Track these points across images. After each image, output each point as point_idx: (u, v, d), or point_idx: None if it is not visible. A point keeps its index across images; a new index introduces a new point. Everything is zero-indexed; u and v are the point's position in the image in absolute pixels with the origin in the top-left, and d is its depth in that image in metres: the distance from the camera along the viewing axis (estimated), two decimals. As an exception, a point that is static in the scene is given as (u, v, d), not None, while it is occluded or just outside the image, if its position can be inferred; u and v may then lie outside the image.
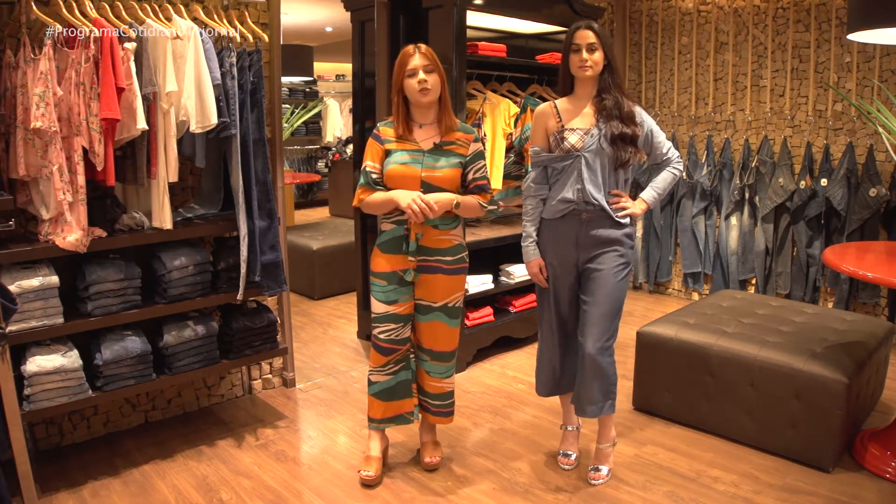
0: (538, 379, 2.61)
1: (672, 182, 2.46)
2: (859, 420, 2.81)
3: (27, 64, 2.20)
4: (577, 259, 2.40)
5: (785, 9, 4.29)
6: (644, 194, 2.45)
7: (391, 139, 2.37)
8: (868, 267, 2.49)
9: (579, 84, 2.37)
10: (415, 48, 2.31)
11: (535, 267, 2.47)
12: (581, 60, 2.29)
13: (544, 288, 2.49)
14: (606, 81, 2.33)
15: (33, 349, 2.36)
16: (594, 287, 2.37)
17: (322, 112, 9.34)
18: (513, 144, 3.77)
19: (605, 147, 2.30)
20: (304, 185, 9.23)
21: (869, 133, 4.00)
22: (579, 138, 2.32)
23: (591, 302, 2.37)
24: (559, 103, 2.42)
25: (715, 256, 4.75)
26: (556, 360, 2.53)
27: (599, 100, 2.34)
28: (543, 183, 2.44)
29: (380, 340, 2.45)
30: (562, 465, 2.60)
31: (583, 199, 2.32)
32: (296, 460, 2.69)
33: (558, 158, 2.36)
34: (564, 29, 4.14)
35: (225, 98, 2.56)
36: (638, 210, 2.39)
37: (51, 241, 2.32)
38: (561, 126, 2.37)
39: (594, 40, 2.28)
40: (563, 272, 2.44)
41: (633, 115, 2.33)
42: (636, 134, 2.31)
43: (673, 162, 2.45)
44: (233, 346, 2.84)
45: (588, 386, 2.40)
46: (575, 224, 2.37)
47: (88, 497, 2.41)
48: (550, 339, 2.52)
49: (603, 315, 2.35)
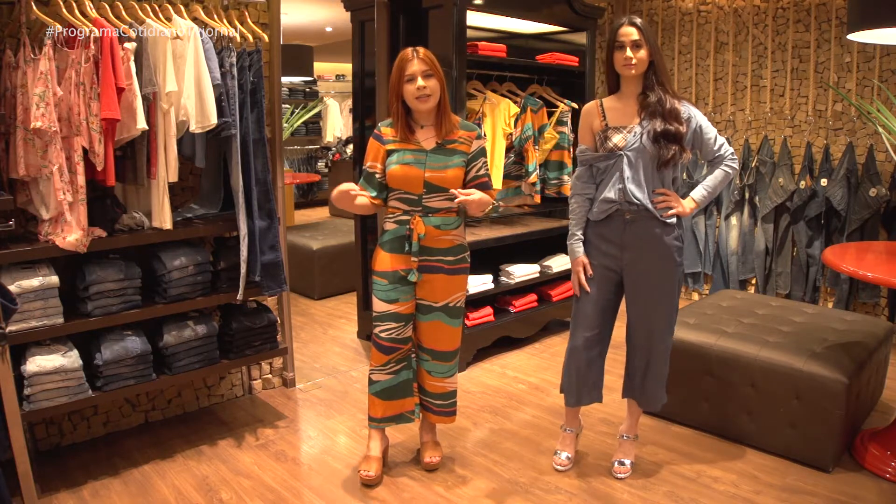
0: (567, 387, 2.53)
1: (725, 180, 2.37)
2: (859, 420, 2.81)
3: (27, 64, 2.20)
4: (622, 261, 2.36)
5: (785, 9, 4.29)
6: (693, 193, 2.38)
7: (393, 139, 2.36)
8: (868, 267, 2.49)
9: (624, 82, 2.33)
10: (413, 52, 2.27)
11: (578, 265, 2.41)
12: (625, 58, 2.23)
13: (586, 292, 2.42)
14: (651, 79, 2.28)
15: (33, 349, 2.36)
16: (644, 289, 2.36)
17: (322, 112, 9.34)
18: (513, 144, 3.77)
19: (647, 145, 2.25)
20: (304, 185, 9.23)
21: (869, 133, 4.00)
22: (622, 137, 2.29)
23: (643, 305, 2.37)
24: (605, 101, 2.37)
25: (715, 256, 4.75)
26: (585, 367, 2.47)
27: (643, 97, 2.29)
28: (588, 181, 2.40)
29: (381, 339, 2.44)
30: (557, 466, 2.59)
31: (624, 199, 2.28)
32: (296, 460, 2.69)
33: (602, 157, 2.33)
34: (564, 29, 4.16)
35: (225, 98, 2.56)
36: (686, 209, 2.33)
37: (51, 241, 2.32)
38: (605, 125, 2.33)
39: (638, 37, 2.22)
40: (606, 275, 2.40)
41: (678, 112, 2.26)
42: (679, 132, 2.24)
43: (726, 159, 2.36)
44: (233, 346, 2.84)
45: (651, 381, 2.45)
46: (619, 225, 2.33)
47: (88, 497, 2.41)
48: (581, 346, 2.45)
49: (659, 316, 2.37)
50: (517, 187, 3.93)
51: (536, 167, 3.84)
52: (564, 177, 4.04)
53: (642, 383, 2.48)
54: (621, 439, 2.59)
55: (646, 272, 2.35)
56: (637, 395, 2.51)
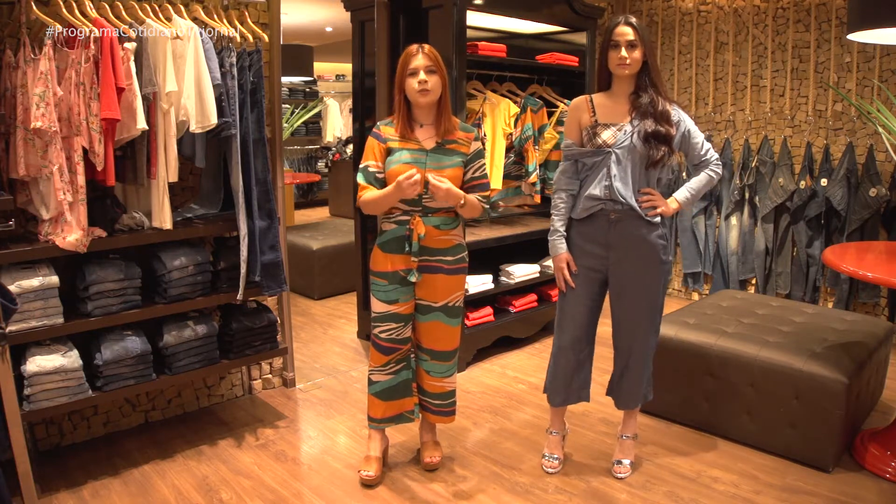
0: (552, 387, 2.54)
1: (708, 184, 2.40)
2: (859, 420, 2.81)
3: (27, 64, 2.20)
4: (607, 261, 2.36)
5: (785, 9, 4.29)
6: (677, 194, 2.40)
7: (392, 138, 2.37)
8: (868, 267, 2.49)
9: (616, 81, 2.33)
10: (418, 48, 2.30)
11: (562, 261, 2.40)
12: (620, 58, 2.23)
13: (571, 288, 2.41)
14: (644, 80, 2.28)
15: (33, 349, 2.36)
16: (629, 289, 2.36)
17: (322, 112, 9.34)
18: (513, 144, 3.77)
19: (637, 145, 2.26)
20: (304, 185, 9.23)
21: (869, 133, 4.00)
22: (612, 134, 2.28)
23: (628, 305, 2.38)
24: (595, 98, 2.37)
25: (715, 256, 4.75)
26: (573, 367, 2.48)
27: (636, 97, 2.29)
28: (573, 177, 2.39)
29: (380, 340, 2.45)
30: (547, 469, 2.59)
31: (610, 197, 2.28)
32: (296, 460, 2.69)
33: (589, 154, 2.32)
34: (564, 29, 4.16)
35: (225, 98, 2.56)
36: (670, 209, 2.34)
37: (51, 241, 2.32)
38: (594, 121, 2.33)
39: (634, 37, 2.22)
40: (590, 275, 2.40)
41: (669, 114, 2.27)
42: (670, 133, 2.26)
43: (711, 164, 2.39)
44: (233, 346, 2.84)
45: (628, 380, 2.46)
46: (604, 224, 2.33)
47: (88, 497, 2.41)
48: (569, 346, 2.46)
49: (642, 316, 2.38)
50: (517, 187, 3.93)
51: (536, 167, 3.84)
52: (564, 177, 4.04)
53: (620, 382, 2.50)
54: (621, 439, 2.59)
55: (631, 271, 2.36)
56: (614, 393, 2.54)
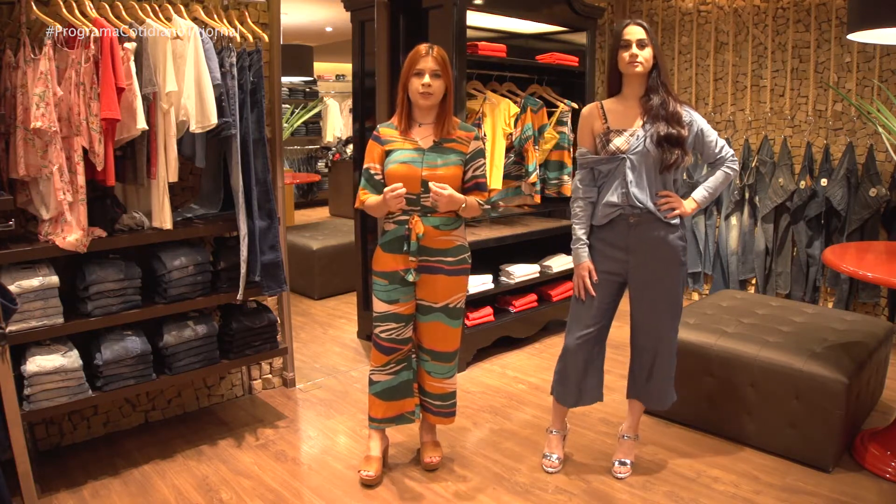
0: (563, 388, 2.53)
1: (725, 181, 2.39)
2: (859, 420, 2.81)
3: (27, 64, 2.20)
4: (627, 264, 2.36)
5: (785, 9, 4.29)
6: (695, 193, 2.40)
7: (391, 139, 2.37)
8: (868, 267, 2.49)
9: (627, 83, 2.33)
10: (428, 49, 2.29)
11: (584, 269, 2.39)
12: (631, 55, 2.23)
13: (591, 295, 2.40)
14: (655, 81, 2.29)
15: (33, 349, 2.36)
16: (651, 291, 2.37)
17: (322, 112, 9.34)
18: (513, 144, 3.77)
19: (651, 149, 2.26)
20: (304, 185, 9.23)
21: (869, 133, 4.00)
22: (625, 140, 2.28)
23: (650, 307, 2.38)
24: (606, 104, 2.37)
25: (715, 256, 4.75)
26: (582, 367, 2.47)
27: (646, 100, 2.29)
28: (590, 185, 2.39)
29: (381, 340, 2.45)
30: (547, 469, 2.59)
31: (628, 203, 2.28)
32: (296, 460, 2.69)
33: (604, 161, 2.32)
34: (564, 29, 4.16)
35: (225, 98, 2.56)
36: (687, 209, 2.34)
37: (51, 241, 2.32)
38: (607, 128, 2.33)
39: (644, 37, 2.23)
40: (609, 279, 2.40)
41: (680, 115, 2.27)
42: (682, 135, 2.25)
43: (728, 161, 2.38)
44: (233, 347, 2.84)
45: (657, 381, 2.46)
46: (624, 229, 2.34)
47: (88, 497, 2.41)
48: (579, 346, 2.44)
49: (665, 317, 2.39)
50: (517, 187, 3.93)
51: (536, 167, 3.84)
52: (564, 177, 4.04)
53: (648, 384, 2.48)
54: (621, 439, 2.59)
55: (652, 274, 2.36)
56: (643, 395, 2.52)
